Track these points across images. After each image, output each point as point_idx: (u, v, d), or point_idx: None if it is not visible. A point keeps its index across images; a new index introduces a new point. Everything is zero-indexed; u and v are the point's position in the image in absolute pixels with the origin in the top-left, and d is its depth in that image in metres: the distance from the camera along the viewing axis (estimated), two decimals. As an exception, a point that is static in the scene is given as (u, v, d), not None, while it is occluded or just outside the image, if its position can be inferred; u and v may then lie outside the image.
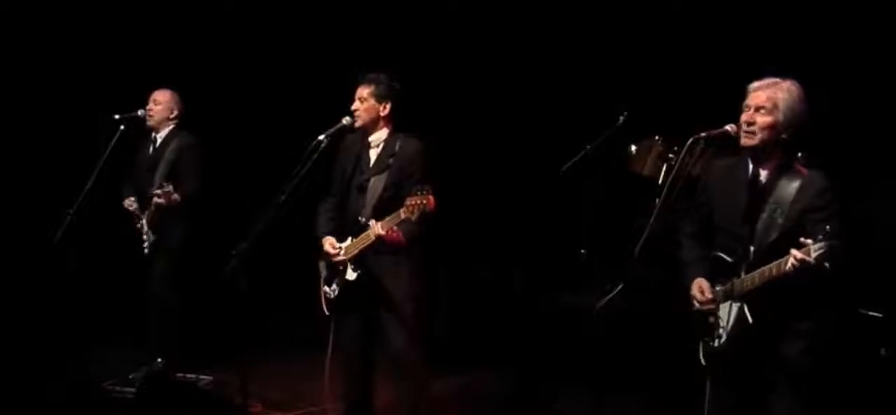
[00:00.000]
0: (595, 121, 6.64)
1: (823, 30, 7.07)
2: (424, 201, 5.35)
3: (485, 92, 8.47)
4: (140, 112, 7.20)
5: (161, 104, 7.30)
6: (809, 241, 4.36)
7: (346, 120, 5.81)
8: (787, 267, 4.44)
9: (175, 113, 7.33)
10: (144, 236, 7.15)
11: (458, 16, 8.55)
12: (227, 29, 9.12)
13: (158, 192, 6.95)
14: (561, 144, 6.74)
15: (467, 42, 8.54)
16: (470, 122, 8.46)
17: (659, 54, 7.75)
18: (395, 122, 5.91)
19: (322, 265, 5.97)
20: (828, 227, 4.33)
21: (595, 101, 7.63)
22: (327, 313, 5.94)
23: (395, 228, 5.57)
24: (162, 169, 7.16)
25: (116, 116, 6.92)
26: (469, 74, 8.52)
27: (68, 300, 7.87)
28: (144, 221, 7.17)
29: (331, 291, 5.90)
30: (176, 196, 6.95)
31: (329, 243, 5.86)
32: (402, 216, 5.45)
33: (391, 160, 5.80)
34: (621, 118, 6.51)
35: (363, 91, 5.85)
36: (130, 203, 7.21)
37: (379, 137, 5.90)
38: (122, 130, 6.89)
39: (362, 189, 5.84)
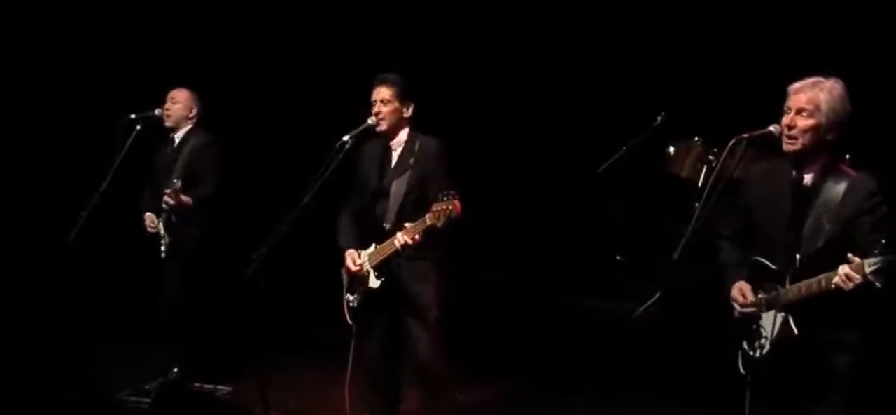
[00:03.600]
0: (632, 121, 6.67)
1: (872, 25, 7.08)
2: (451, 207, 5.36)
3: (515, 90, 8.48)
4: (157, 111, 7.24)
5: (179, 103, 7.33)
6: (856, 258, 4.32)
7: (371, 120, 5.85)
8: (836, 283, 4.39)
9: (194, 112, 7.36)
10: (161, 239, 7.18)
11: (487, 11, 8.57)
12: (246, 27, 9.13)
13: (167, 191, 6.98)
14: (597, 144, 6.78)
15: (496, 38, 8.54)
16: (498, 120, 8.48)
17: (699, 51, 7.74)
18: (414, 122, 5.95)
19: (344, 273, 5.98)
20: (883, 240, 4.29)
21: (633, 99, 7.65)
22: (350, 321, 5.97)
23: (419, 235, 5.58)
24: (179, 170, 7.18)
25: (133, 116, 6.96)
26: (498, 72, 8.53)
27: (81, 304, 7.93)
28: (161, 224, 7.19)
29: (353, 299, 5.93)
30: (185, 198, 6.98)
31: (351, 259, 5.88)
32: (428, 223, 5.46)
33: (412, 161, 5.84)
34: (659, 118, 6.49)
35: (384, 92, 5.86)
36: (152, 223, 7.23)
37: (400, 139, 5.93)
38: (139, 130, 6.93)
39: (385, 193, 5.87)
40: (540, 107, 8.39)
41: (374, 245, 5.82)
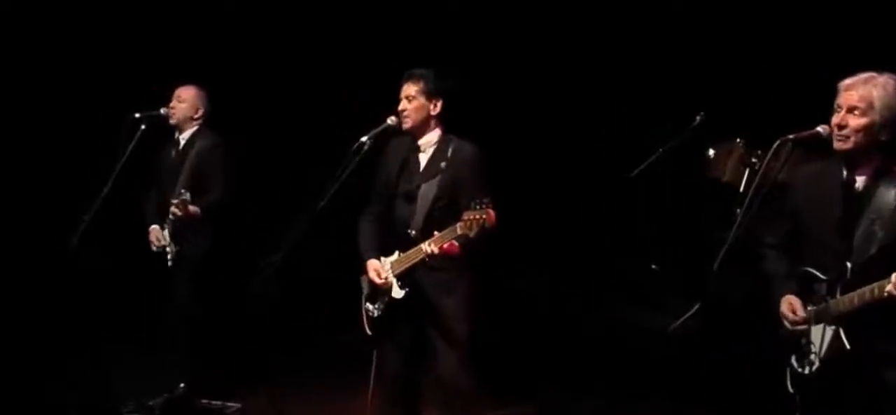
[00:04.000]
0: (668, 121, 6.72)
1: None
2: (484, 216, 5.35)
3: (542, 90, 8.50)
4: (162, 110, 7.27)
5: (185, 102, 7.35)
6: None
7: (391, 120, 5.85)
8: (889, 291, 4.37)
9: (200, 112, 7.39)
10: (167, 248, 7.20)
11: (515, 10, 8.58)
12: (256, 21, 9.19)
13: (174, 202, 6.99)
14: (630, 146, 6.84)
15: (525, 38, 8.55)
16: (525, 122, 8.50)
17: (739, 47, 7.72)
18: (446, 123, 5.94)
19: (364, 281, 5.99)
20: None
21: (669, 98, 7.66)
22: (369, 334, 5.97)
23: (448, 244, 5.59)
24: (185, 173, 7.21)
25: (137, 115, 6.98)
26: (526, 72, 8.55)
27: (84, 314, 7.96)
28: (167, 233, 7.21)
29: (374, 309, 5.93)
30: (194, 209, 7.01)
31: (374, 269, 5.87)
32: (459, 232, 5.46)
33: (443, 165, 5.83)
34: (698, 118, 6.51)
35: (410, 88, 5.86)
36: (157, 239, 7.25)
37: (429, 139, 5.92)
38: (143, 130, 6.95)
39: (411, 198, 5.87)
40: (568, 107, 8.41)
41: (397, 253, 5.83)
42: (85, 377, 7.37)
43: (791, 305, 4.83)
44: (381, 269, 5.84)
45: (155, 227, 7.30)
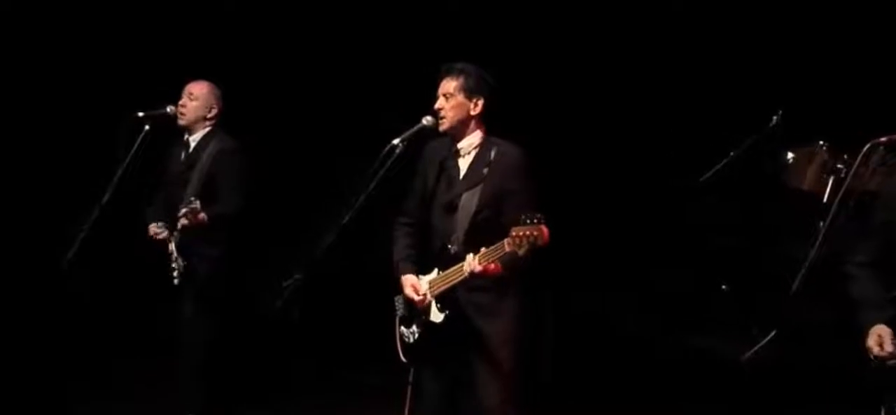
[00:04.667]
0: (741, 120, 6.69)
1: None
2: (535, 233, 5.32)
3: (592, 84, 8.48)
4: (169, 109, 7.26)
5: (197, 99, 7.34)
6: None
7: (426, 121, 5.85)
8: None
9: (213, 111, 7.38)
10: (173, 264, 7.16)
11: (566, 8, 8.58)
12: (272, 12, 9.24)
13: (183, 211, 7.01)
14: (697, 149, 6.84)
15: (570, 26, 8.55)
16: (573, 122, 8.49)
17: (823, 35, 7.67)
18: (488, 125, 5.93)
19: (399, 302, 5.98)
20: None
21: (742, 95, 7.62)
22: (404, 360, 5.98)
23: (495, 263, 5.58)
24: (195, 180, 7.23)
25: (140, 114, 7.00)
26: (574, 64, 8.54)
27: (79, 338, 7.98)
28: (173, 246, 7.18)
29: (409, 334, 5.93)
30: (203, 216, 7.01)
31: (410, 285, 5.88)
32: (507, 250, 5.44)
33: (486, 171, 5.82)
34: (775, 118, 6.48)
35: (448, 84, 5.85)
36: (158, 230, 7.23)
37: (470, 142, 5.91)
38: (148, 131, 6.96)
39: (451, 208, 5.87)
40: (625, 104, 8.39)
41: (436, 270, 5.83)
42: (86, 406, 7.39)
43: (879, 338, 4.79)
44: (419, 285, 5.86)
45: (153, 224, 7.26)
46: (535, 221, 5.33)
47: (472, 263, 5.60)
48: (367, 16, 9.04)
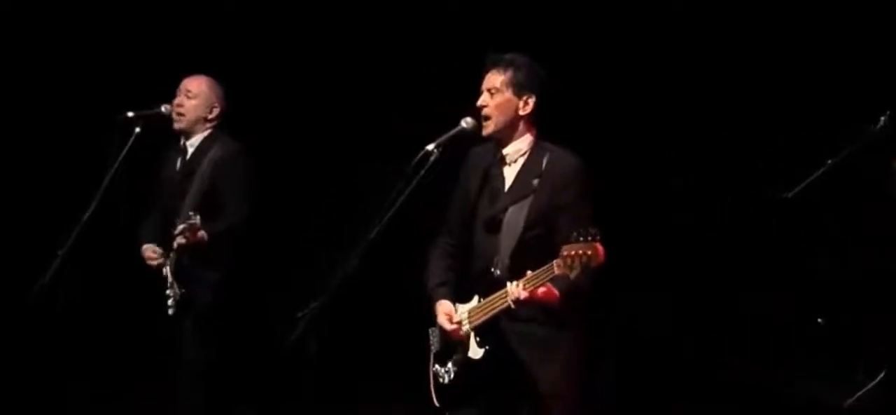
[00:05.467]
0: (841, 123, 6.68)
1: None
2: (589, 252, 5.30)
3: (666, 81, 8.48)
4: (164, 108, 7.30)
5: (195, 98, 7.36)
6: None
7: (466, 123, 5.82)
8: None
9: (215, 112, 7.39)
10: (169, 291, 7.20)
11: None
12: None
13: (180, 227, 7.01)
14: (788, 156, 6.88)
15: (649, 19, 8.55)
16: (650, 129, 8.51)
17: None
18: (540, 127, 5.90)
19: (433, 334, 5.99)
20: None
21: (842, 93, 7.61)
22: (437, 404, 5.95)
23: (543, 288, 5.55)
24: (194, 192, 7.23)
25: (130, 114, 7.04)
26: (642, 58, 8.54)
27: (58, 372, 8.08)
28: (168, 269, 7.20)
29: (444, 372, 5.92)
30: (202, 234, 7.02)
31: (445, 314, 5.87)
32: (556, 272, 5.43)
33: (536, 183, 5.77)
34: (882, 119, 6.43)
35: (494, 78, 5.82)
36: (152, 254, 7.30)
37: (517, 147, 5.87)
38: (138, 133, 7.00)
39: (495, 225, 5.82)
40: (702, 105, 8.38)
41: (476, 298, 5.80)
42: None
43: None
44: (455, 314, 5.85)
45: (150, 245, 7.32)
46: (589, 238, 5.32)
47: (516, 289, 5.57)
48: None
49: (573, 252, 5.32)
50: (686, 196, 8.33)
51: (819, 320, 7.07)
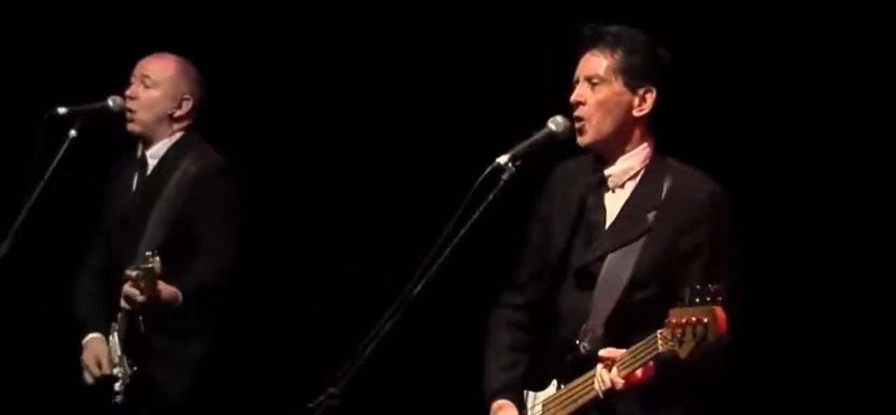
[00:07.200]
0: None
1: None
2: (704, 320, 5.23)
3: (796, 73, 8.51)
4: (112, 101, 7.30)
5: (157, 86, 7.33)
6: None
7: (555, 124, 5.70)
8: None
9: (185, 106, 7.37)
10: (116, 368, 7.20)
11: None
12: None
13: (132, 274, 6.92)
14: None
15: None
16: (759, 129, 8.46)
17: None
18: (656, 132, 5.87)
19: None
20: None
21: None
22: None
23: (643, 373, 5.53)
24: (156, 222, 7.21)
25: (62, 110, 7.07)
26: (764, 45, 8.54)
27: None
28: (116, 339, 7.21)
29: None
30: (170, 290, 6.99)
31: (505, 412, 5.89)
32: (661, 349, 5.39)
33: (652, 217, 5.70)
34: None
35: (596, 62, 5.73)
36: (96, 359, 7.27)
37: (627, 165, 5.80)
38: (74, 138, 7.05)
39: (586, 279, 5.77)
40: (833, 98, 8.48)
41: (555, 383, 5.80)
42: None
43: None
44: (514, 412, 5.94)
45: (95, 337, 7.32)
46: (708, 298, 5.25)
47: (608, 374, 5.54)
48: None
49: (683, 320, 5.28)
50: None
51: None
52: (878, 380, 8.40)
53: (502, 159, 5.54)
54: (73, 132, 6.97)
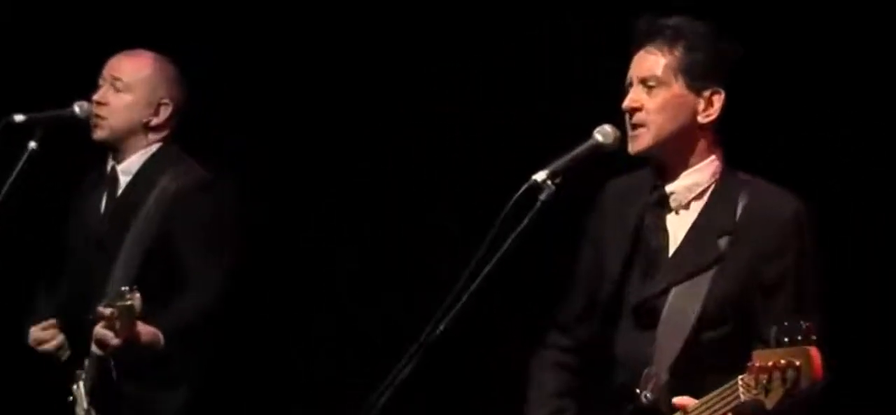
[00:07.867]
0: None
1: None
2: (796, 363, 5.15)
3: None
4: (78, 107, 7.29)
5: (130, 90, 7.27)
6: None
7: (602, 134, 5.59)
8: None
9: (164, 113, 7.31)
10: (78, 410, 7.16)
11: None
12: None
13: (106, 314, 6.77)
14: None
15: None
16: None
17: None
18: (722, 141, 5.86)
19: None
20: None
21: None
22: None
23: None
24: (131, 248, 7.14)
25: (19, 117, 7.09)
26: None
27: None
28: (81, 385, 7.12)
29: None
30: (149, 331, 6.87)
31: None
32: (743, 398, 5.33)
33: (725, 243, 5.64)
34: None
35: (653, 60, 5.68)
36: (45, 336, 7.30)
37: (692, 181, 5.75)
38: (34, 150, 7.08)
39: (647, 316, 5.71)
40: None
41: None
42: None
43: None
44: None
45: (41, 324, 7.34)
46: (799, 338, 5.16)
47: None
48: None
49: (769, 363, 5.22)
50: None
51: None
52: (878, 380, 8.53)
53: (540, 176, 5.43)
54: (33, 144, 7.00)
